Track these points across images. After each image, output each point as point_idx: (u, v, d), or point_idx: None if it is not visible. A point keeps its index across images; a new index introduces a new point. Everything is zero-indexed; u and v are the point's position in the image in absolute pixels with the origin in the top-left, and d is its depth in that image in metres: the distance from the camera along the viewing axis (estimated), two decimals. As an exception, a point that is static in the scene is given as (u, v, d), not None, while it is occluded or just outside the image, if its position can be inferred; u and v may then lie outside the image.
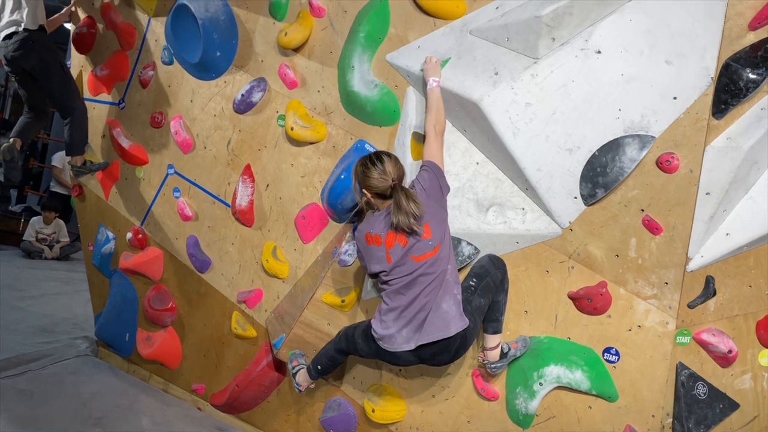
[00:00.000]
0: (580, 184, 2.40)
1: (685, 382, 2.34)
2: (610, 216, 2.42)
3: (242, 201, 3.49)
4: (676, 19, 2.23)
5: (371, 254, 2.52)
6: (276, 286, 3.41)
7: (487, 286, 2.53)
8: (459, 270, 2.64)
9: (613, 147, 2.32)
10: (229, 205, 3.60)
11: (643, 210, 2.36)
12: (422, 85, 2.72)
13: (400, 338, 2.48)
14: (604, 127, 2.32)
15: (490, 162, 2.60)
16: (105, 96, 4.22)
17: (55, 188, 8.72)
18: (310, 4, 3.18)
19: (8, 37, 3.76)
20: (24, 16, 3.72)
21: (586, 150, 2.36)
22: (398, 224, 2.38)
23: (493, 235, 2.58)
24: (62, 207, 8.52)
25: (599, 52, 2.27)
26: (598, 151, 2.34)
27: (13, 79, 4.05)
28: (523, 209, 2.54)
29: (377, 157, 2.51)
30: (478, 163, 2.62)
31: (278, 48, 3.34)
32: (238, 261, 3.63)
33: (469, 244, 2.62)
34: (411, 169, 2.74)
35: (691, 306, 2.35)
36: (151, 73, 3.92)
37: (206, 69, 3.60)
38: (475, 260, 2.63)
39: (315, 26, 3.20)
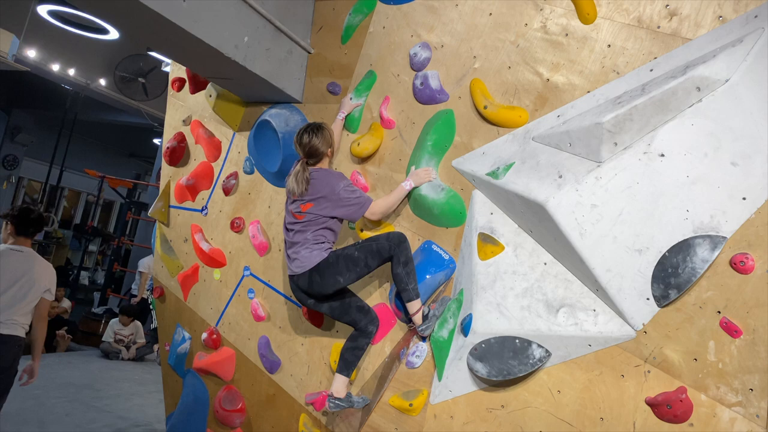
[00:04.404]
0: (652, 285, 2.37)
1: (782, 500, 2.16)
2: (686, 318, 2.36)
3: (313, 302, 3.59)
4: (738, 123, 2.27)
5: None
6: (344, 388, 3.41)
7: (369, 248, 3.03)
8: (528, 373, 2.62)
9: (683, 247, 2.31)
10: (300, 306, 3.71)
11: (719, 312, 2.29)
12: (485, 187, 2.83)
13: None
14: (672, 227, 2.33)
15: (558, 263, 2.62)
16: (189, 203, 4.54)
17: (136, 292, 9.15)
18: (381, 117, 3.41)
19: None
20: None
21: (655, 250, 2.35)
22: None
23: (564, 337, 2.55)
24: (139, 310, 8.89)
25: (663, 155, 2.32)
26: (668, 251, 2.33)
27: None
28: (594, 310, 2.52)
29: (308, 129, 3.19)
30: (545, 264, 2.65)
31: (351, 157, 3.57)
32: (307, 362, 3.68)
33: (539, 346, 2.58)
34: (477, 269, 2.79)
35: (781, 415, 2.21)
36: (234, 181, 4.21)
37: (284, 177, 3.85)
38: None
39: (385, 137, 3.42)
